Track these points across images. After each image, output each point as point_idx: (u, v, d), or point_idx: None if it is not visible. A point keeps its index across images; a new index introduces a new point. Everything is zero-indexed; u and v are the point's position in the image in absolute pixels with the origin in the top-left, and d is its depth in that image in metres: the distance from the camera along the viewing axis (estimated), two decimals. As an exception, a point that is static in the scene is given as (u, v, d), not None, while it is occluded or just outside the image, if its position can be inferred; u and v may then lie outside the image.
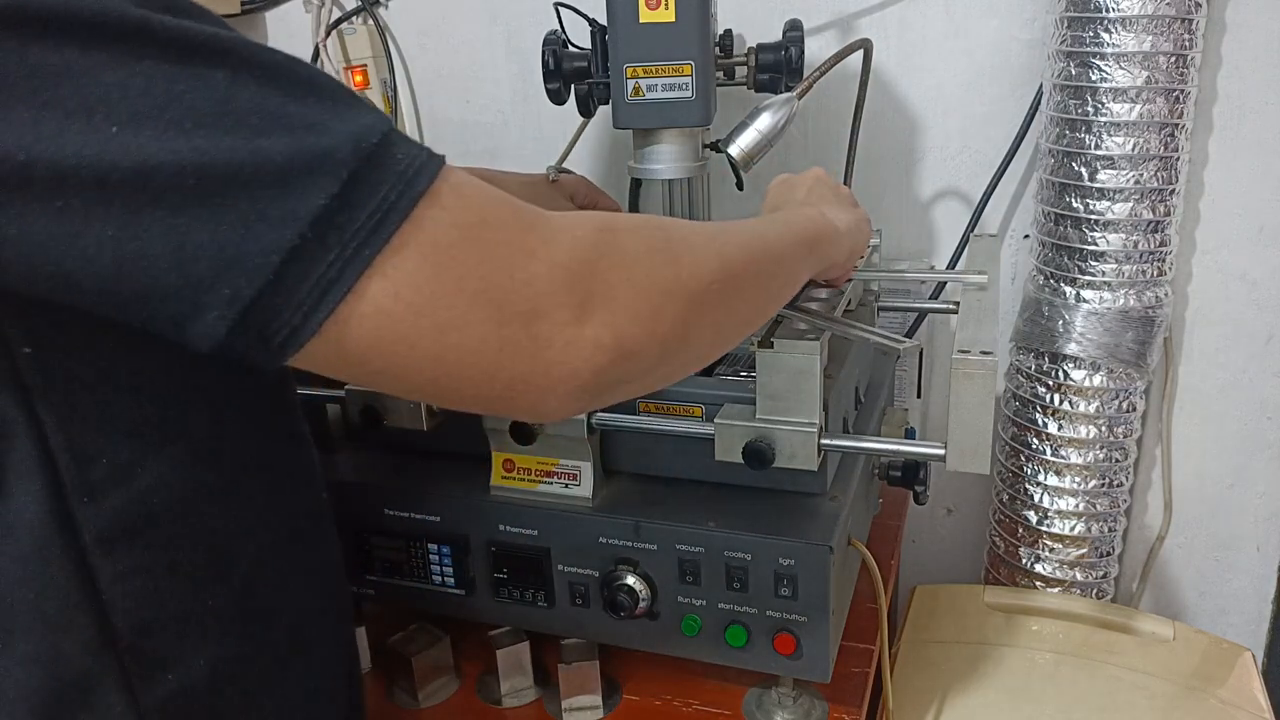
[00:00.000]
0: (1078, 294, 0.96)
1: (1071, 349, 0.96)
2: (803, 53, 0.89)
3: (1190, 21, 0.87)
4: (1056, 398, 0.99)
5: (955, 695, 0.89)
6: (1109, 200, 0.92)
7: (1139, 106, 0.89)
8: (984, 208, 1.07)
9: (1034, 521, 1.04)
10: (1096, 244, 0.94)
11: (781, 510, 0.72)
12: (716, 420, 0.69)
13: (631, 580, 0.72)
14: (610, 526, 0.73)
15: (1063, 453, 1.00)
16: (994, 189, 1.06)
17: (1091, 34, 0.88)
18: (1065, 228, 0.95)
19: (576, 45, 0.91)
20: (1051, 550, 1.04)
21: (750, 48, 0.90)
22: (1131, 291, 0.95)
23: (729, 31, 0.94)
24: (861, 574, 0.85)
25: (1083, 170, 0.92)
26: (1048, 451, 1.01)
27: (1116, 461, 1.00)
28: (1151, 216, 0.92)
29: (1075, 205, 0.94)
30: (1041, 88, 0.99)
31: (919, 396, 1.13)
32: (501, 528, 0.76)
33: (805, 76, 0.85)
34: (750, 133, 0.82)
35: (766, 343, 0.67)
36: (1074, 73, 0.91)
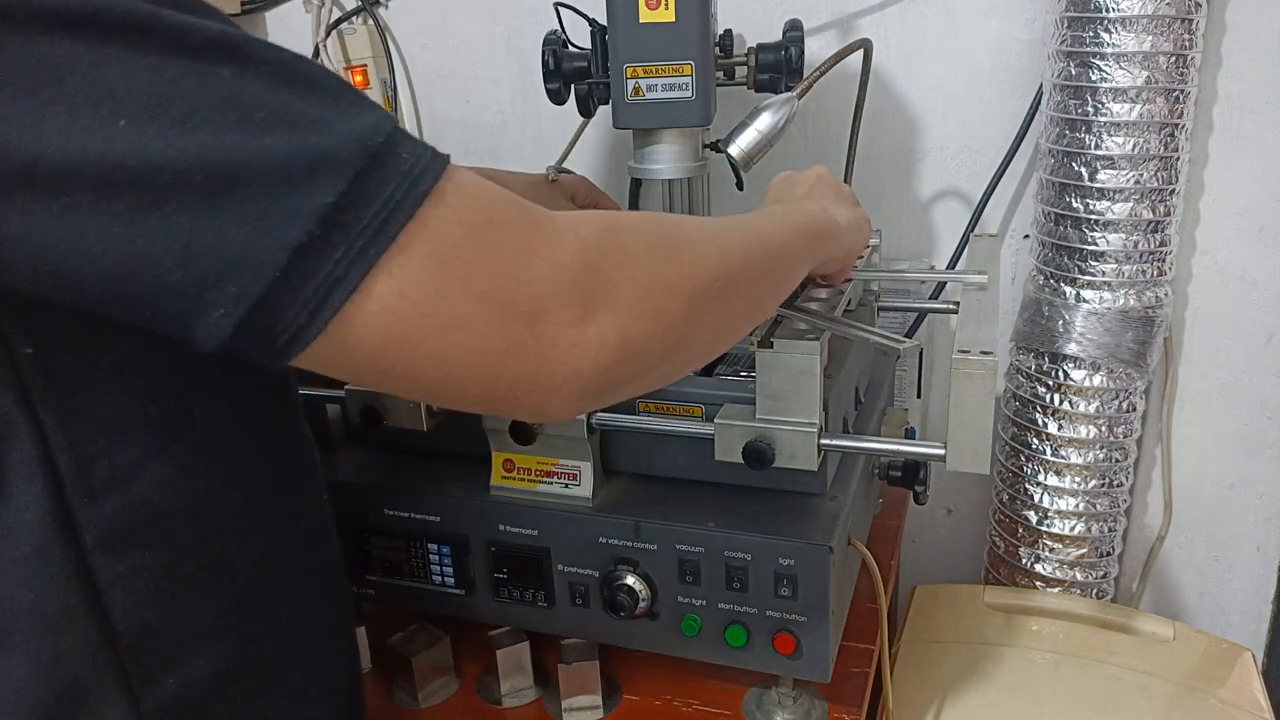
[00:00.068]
0: (1078, 294, 0.96)
1: (1071, 349, 0.96)
2: (803, 53, 0.89)
3: (1190, 21, 0.87)
4: (1056, 398, 0.99)
5: (955, 695, 0.89)
6: (1109, 200, 0.92)
7: (1139, 106, 0.89)
8: (984, 208, 1.07)
9: (1034, 521, 1.04)
10: (1096, 244, 0.94)
11: (781, 510, 0.72)
12: (716, 420, 0.69)
13: (631, 580, 0.72)
14: (610, 526, 0.73)
15: (1063, 453, 1.00)
16: (994, 189, 1.06)
17: (1091, 34, 0.88)
18: (1065, 228, 0.95)
19: (576, 45, 0.91)
20: (1051, 550, 1.04)
21: (750, 48, 0.90)
22: (1131, 291, 0.95)
23: (729, 31, 0.94)
24: (861, 574, 0.85)
25: (1083, 170, 0.92)
26: (1048, 451, 1.01)
27: (1116, 461, 1.00)
28: (1151, 216, 0.92)
29: (1075, 205, 0.94)
30: (1041, 88, 0.99)
31: (919, 396, 1.13)
32: (501, 528, 0.76)
33: (805, 76, 0.85)
34: (750, 133, 0.82)
35: (766, 343, 0.66)
36: (1074, 73, 0.91)
